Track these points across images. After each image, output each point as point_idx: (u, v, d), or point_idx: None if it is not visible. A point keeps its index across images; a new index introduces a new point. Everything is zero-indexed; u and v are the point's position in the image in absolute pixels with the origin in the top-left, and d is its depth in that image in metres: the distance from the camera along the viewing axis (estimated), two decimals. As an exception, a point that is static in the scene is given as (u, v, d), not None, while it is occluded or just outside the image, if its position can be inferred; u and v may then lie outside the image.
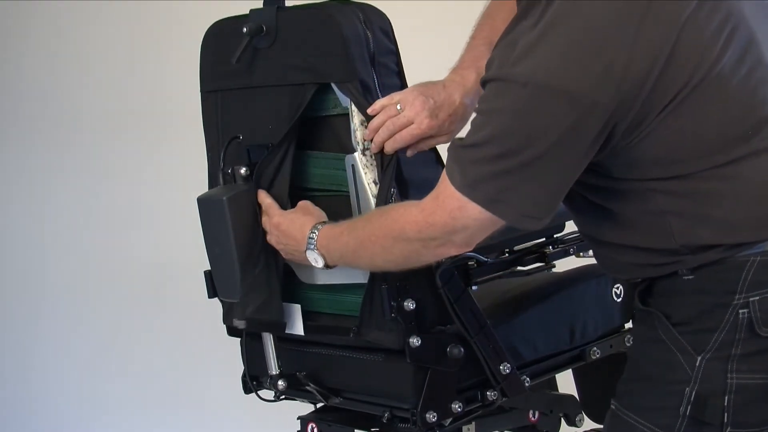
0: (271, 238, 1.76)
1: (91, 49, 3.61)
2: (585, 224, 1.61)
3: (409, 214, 1.53)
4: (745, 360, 1.42)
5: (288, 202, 1.77)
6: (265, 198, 1.76)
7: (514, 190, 1.42)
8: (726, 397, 1.42)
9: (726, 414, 1.42)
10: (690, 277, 1.46)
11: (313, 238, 1.68)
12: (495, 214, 1.44)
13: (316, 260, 1.69)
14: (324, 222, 1.70)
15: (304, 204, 1.75)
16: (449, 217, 1.47)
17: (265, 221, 1.76)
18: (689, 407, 1.43)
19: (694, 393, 1.43)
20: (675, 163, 1.42)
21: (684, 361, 1.44)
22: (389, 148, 1.67)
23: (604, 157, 1.43)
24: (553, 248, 1.90)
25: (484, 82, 1.45)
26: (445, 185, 1.47)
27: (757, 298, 1.40)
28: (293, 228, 1.71)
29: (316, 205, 1.75)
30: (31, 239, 3.75)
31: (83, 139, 3.64)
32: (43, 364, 3.75)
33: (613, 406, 1.54)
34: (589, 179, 1.48)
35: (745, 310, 1.41)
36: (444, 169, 1.48)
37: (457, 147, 1.46)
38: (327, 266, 1.69)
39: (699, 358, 1.43)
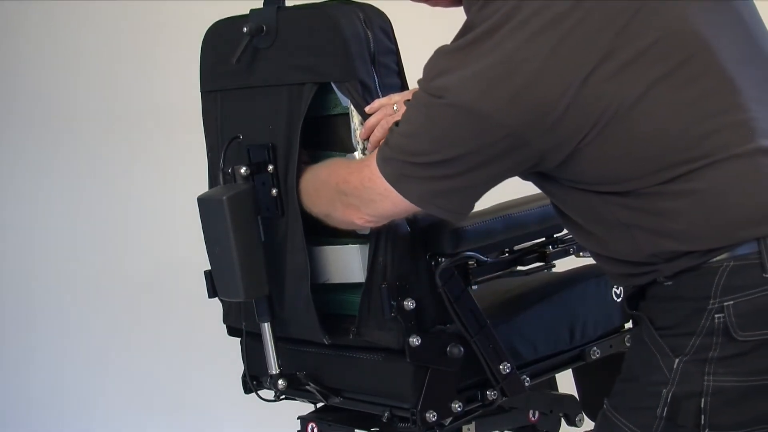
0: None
1: (92, 49, 3.61)
2: (571, 233, 1.64)
3: (343, 165, 1.64)
4: (722, 363, 1.42)
5: (295, 202, 1.77)
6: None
7: (417, 178, 1.49)
8: (703, 399, 1.42)
9: (703, 416, 1.42)
10: (669, 283, 1.47)
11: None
12: (398, 191, 1.51)
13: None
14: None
15: None
16: (360, 182, 1.56)
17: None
18: (666, 409, 1.44)
19: (670, 395, 1.44)
20: (620, 181, 1.44)
21: (663, 364, 1.45)
22: None
23: (555, 171, 1.47)
24: (553, 248, 1.90)
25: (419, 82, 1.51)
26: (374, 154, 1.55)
27: (732, 302, 1.40)
28: None
29: None
30: (31, 239, 3.75)
31: (84, 139, 3.65)
32: (42, 365, 3.75)
33: (605, 406, 1.55)
34: (554, 191, 1.53)
35: (721, 315, 1.41)
36: None
37: (394, 124, 1.54)
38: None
39: (677, 361, 1.44)
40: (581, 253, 1.91)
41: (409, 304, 1.69)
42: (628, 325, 1.96)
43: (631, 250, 1.48)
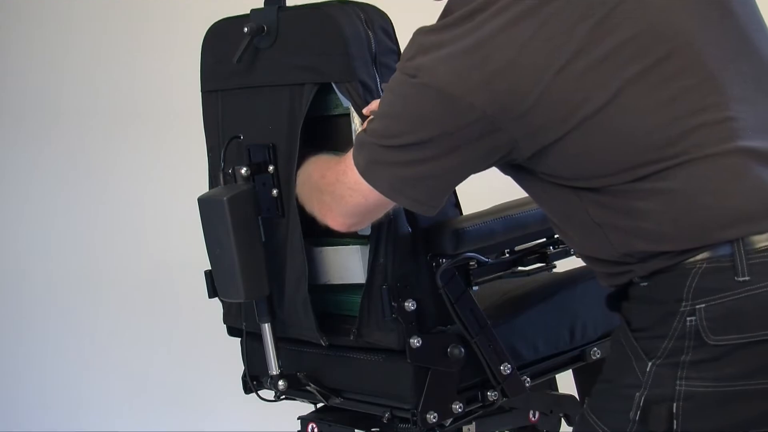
0: None
1: (92, 49, 3.61)
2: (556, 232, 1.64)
3: (326, 160, 1.65)
4: (694, 367, 1.39)
5: (295, 203, 1.76)
6: None
7: (387, 164, 1.48)
8: (675, 404, 1.39)
9: (675, 421, 1.40)
10: (644, 284, 1.45)
11: None
12: (368, 180, 1.50)
13: None
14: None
15: None
16: (335, 177, 1.57)
17: None
18: (638, 413, 1.42)
19: (643, 398, 1.42)
20: (594, 177, 1.43)
21: (636, 367, 1.43)
22: None
23: (530, 163, 1.46)
24: (554, 248, 1.90)
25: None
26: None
27: (703, 305, 1.37)
28: None
29: None
30: (30, 239, 3.75)
31: (84, 138, 3.64)
32: (42, 365, 3.75)
33: (585, 406, 1.54)
34: (531, 186, 1.53)
35: (693, 318, 1.38)
36: None
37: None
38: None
39: (650, 364, 1.41)
40: (582, 254, 1.91)
41: (410, 305, 1.69)
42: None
43: (605, 250, 1.46)
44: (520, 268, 1.90)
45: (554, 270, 1.96)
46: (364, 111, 1.66)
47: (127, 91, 3.58)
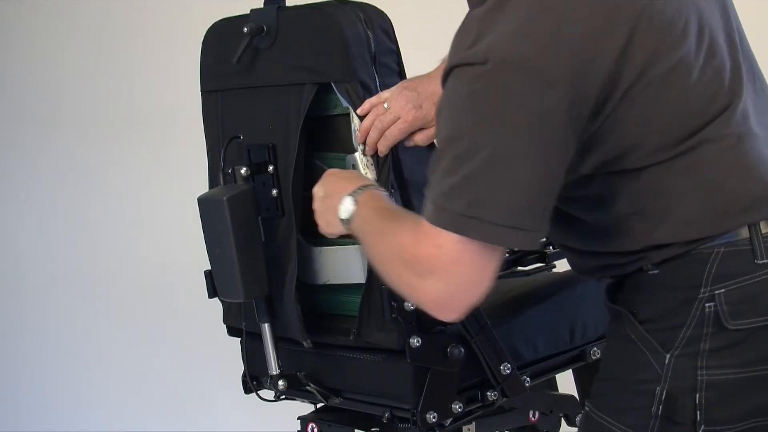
0: (316, 187, 1.63)
1: (92, 49, 3.61)
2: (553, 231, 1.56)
3: (405, 234, 1.38)
4: (714, 355, 1.38)
5: (291, 203, 1.76)
6: None
7: (482, 200, 1.29)
8: (697, 395, 1.39)
9: (698, 412, 1.39)
10: (655, 272, 1.43)
11: (358, 193, 1.52)
12: (468, 235, 1.29)
13: (347, 209, 1.52)
14: (373, 186, 1.57)
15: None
16: (435, 246, 1.32)
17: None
18: (661, 407, 1.40)
19: (665, 392, 1.40)
20: (635, 154, 1.37)
21: (653, 360, 1.41)
22: (382, 147, 1.67)
23: (581, 150, 1.37)
24: (554, 248, 1.90)
25: (444, 79, 1.35)
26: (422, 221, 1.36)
27: (723, 290, 1.37)
28: (347, 176, 1.61)
29: None
30: (29, 240, 3.75)
31: (84, 139, 3.65)
32: (41, 365, 3.75)
33: (586, 407, 1.52)
34: (566, 183, 1.45)
35: (712, 304, 1.37)
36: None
37: (428, 181, 1.36)
38: (348, 225, 1.54)
39: (668, 356, 1.40)
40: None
41: (410, 304, 1.68)
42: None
43: (624, 242, 1.44)
44: (519, 268, 1.90)
45: (554, 270, 1.96)
46: (358, 111, 1.66)
47: (127, 92, 3.58)
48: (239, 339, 1.93)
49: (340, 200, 1.53)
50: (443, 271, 1.33)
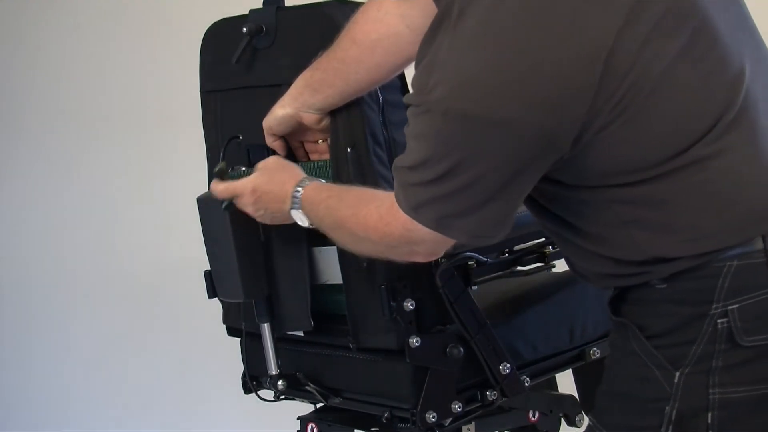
0: (249, 208, 1.65)
1: (92, 48, 3.61)
2: (548, 230, 1.54)
3: (371, 217, 1.45)
4: (727, 373, 1.32)
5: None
6: (218, 184, 1.67)
7: (456, 215, 1.34)
8: (709, 414, 1.33)
9: (710, 431, 1.33)
10: (663, 286, 1.36)
11: (297, 197, 1.58)
12: (443, 234, 1.38)
13: (302, 220, 1.60)
14: (305, 179, 1.60)
15: (274, 159, 1.67)
16: (404, 229, 1.41)
17: (241, 201, 1.66)
18: (671, 427, 1.34)
19: (674, 411, 1.34)
20: (632, 168, 1.31)
21: (662, 377, 1.35)
22: None
23: (555, 168, 1.33)
24: (553, 248, 1.90)
25: (406, 105, 1.36)
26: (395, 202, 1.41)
27: (737, 306, 1.31)
28: (273, 185, 1.62)
29: None
30: (29, 240, 3.75)
31: (83, 139, 3.65)
32: (41, 365, 3.76)
33: (590, 422, 1.48)
34: (544, 188, 1.40)
35: (724, 320, 1.31)
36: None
37: (396, 168, 1.39)
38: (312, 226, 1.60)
39: (677, 374, 1.34)
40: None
41: (409, 304, 1.68)
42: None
43: (629, 251, 1.38)
44: (519, 267, 1.90)
45: (553, 270, 1.96)
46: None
47: (127, 92, 3.58)
48: (239, 339, 1.93)
49: (290, 218, 1.62)
50: (412, 243, 1.44)
